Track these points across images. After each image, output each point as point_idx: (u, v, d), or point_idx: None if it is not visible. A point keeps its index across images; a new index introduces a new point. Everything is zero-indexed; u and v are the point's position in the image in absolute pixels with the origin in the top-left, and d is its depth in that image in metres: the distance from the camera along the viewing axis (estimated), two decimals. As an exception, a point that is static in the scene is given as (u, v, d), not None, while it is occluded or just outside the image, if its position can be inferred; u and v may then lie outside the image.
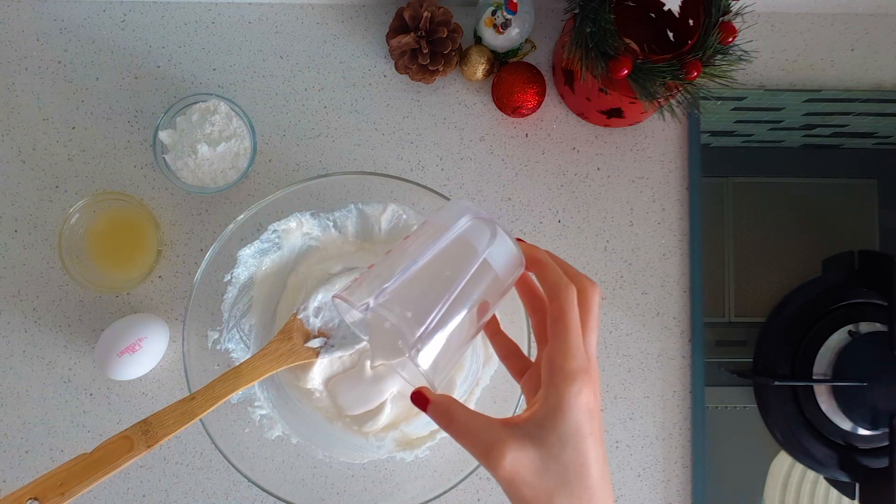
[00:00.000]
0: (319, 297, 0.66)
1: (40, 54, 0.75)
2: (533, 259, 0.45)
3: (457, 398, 0.68)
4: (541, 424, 0.40)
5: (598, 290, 0.44)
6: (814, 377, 0.75)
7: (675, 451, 0.76)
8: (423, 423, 0.70)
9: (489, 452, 0.40)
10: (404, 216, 0.70)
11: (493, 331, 0.49)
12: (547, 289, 0.43)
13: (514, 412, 0.64)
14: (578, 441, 0.40)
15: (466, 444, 0.41)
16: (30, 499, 0.49)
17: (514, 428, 0.41)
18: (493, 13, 0.72)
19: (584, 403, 0.40)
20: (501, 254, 0.44)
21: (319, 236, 0.71)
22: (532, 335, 0.64)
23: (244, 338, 0.70)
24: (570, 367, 0.40)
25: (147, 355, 0.69)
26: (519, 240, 0.46)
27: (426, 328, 0.42)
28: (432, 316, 0.42)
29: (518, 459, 0.40)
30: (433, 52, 0.72)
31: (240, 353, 0.69)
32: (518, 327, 0.65)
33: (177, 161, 0.70)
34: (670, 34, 0.72)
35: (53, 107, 0.75)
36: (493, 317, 0.49)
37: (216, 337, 0.67)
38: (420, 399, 0.43)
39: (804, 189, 0.78)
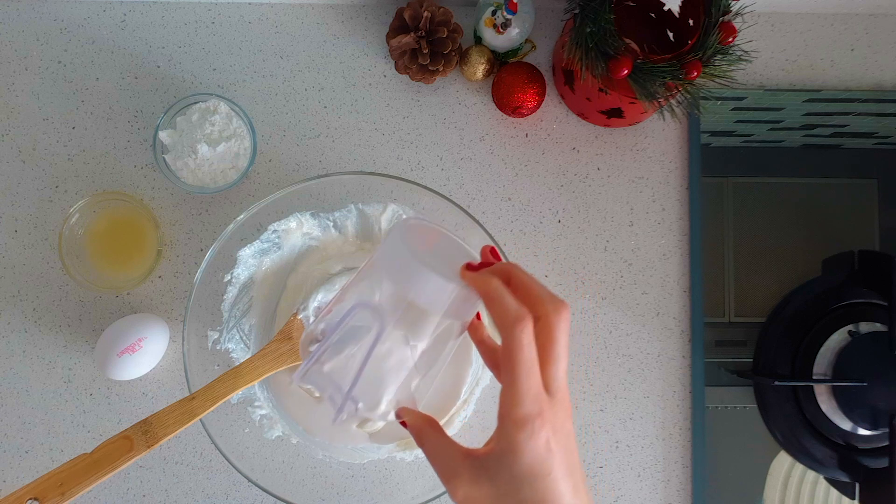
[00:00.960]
0: (319, 298, 0.66)
1: (40, 54, 0.75)
2: (482, 294, 0.42)
3: (459, 399, 0.69)
4: (497, 462, 0.40)
5: (563, 314, 0.40)
6: (814, 377, 0.75)
7: (675, 451, 0.76)
8: None
9: (447, 482, 0.41)
10: (404, 216, 0.70)
11: (478, 339, 0.48)
12: (497, 326, 0.40)
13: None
14: (534, 481, 0.39)
15: (433, 467, 0.42)
16: (30, 499, 0.49)
17: (473, 461, 0.40)
18: (493, 13, 0.72)
19: (541, 444, 0.39)
20: (436, 296, 0.42)
21: (319, 236, 0.71)
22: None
23: (244, 338, 0.70)
24: (517, 414, 0.39)
25: (147, 355, 0.69)
26: (471, 267, 0.43)
27: (352, 389, 0.42)
28: (355, 377, 0.42)
29: (471, 494, 0.40)
30: (433, 52, 0.72)
31: (240, 353, 0.69)
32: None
33: (177, 161, 0.70)
34: (670, 34, 0.72)
35: (53, 107, 0.75)
36: (480, 325, 0.47)
37: (216, 337, 0.67)
38: (400, 418, 0.45)
39: (804, 189, 0.78)
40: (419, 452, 0.69)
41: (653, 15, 0.73)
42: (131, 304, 0.74)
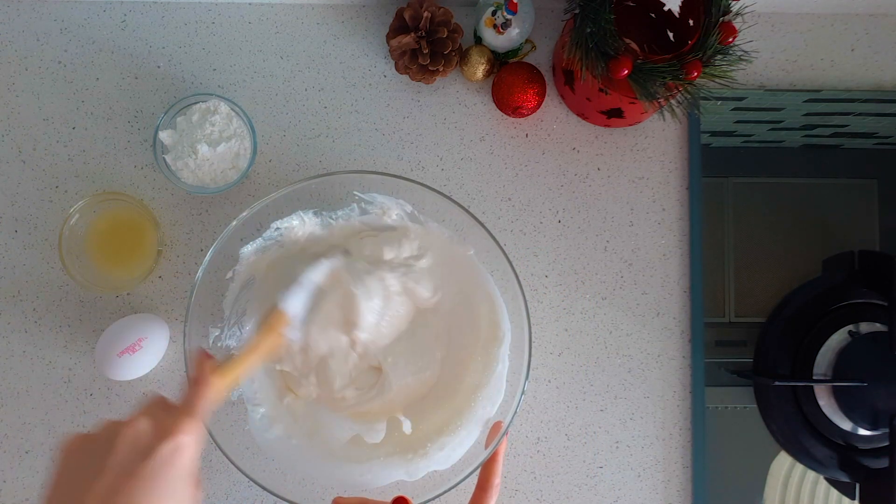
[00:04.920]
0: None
1: (40, 54, 0.75)
2: (498, 451, 0.63)
3: None
4: None
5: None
6: (814, 377, 0.75)
7: (675, 451, 0.76)
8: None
9: None
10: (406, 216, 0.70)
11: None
12: (486, 473, 0.62)
13: (516, 410, 0.64)
14: None
15: None
16: None
17: None
18: (493, 13, 0.72)
19: None
20: None
21: (322, 235, 0.71)
22: (532, 335, 0.64)
23: (245, 336, 0.70)
24: None
25: (147, 355, 0.69)
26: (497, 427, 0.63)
27: None
28: None
29: None
30: (433, 53, 0.72)
31: (239, 351, 0.69)
32: (519, 327, 0.65)
33: (177, 161, 0.70)
34: (670, 34, 0.72)
35: (53, 107, 0.75)
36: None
37: (217, 334, 0.67)
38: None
39: (804, 189, 0.78)
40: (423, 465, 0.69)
41: (653, 15, 0.73)
42: (131, 304, 0.74)
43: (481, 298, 0.69)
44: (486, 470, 0.62)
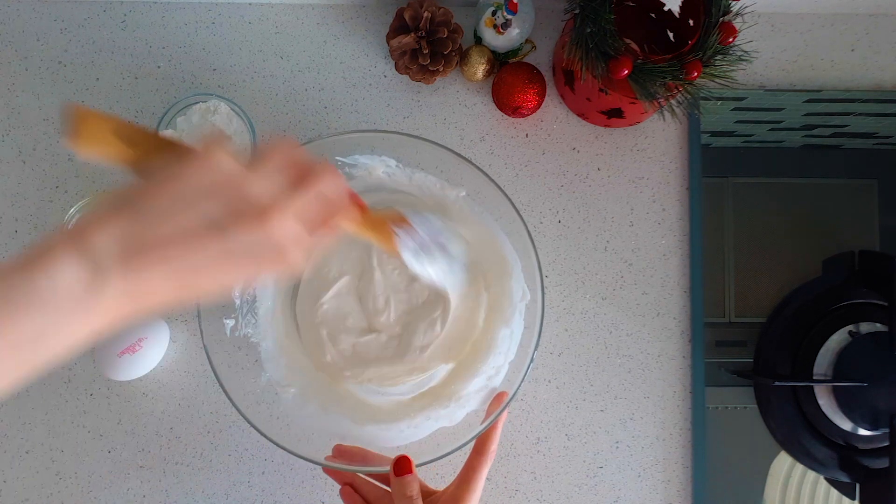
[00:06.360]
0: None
1: (40, 54, 0.75)
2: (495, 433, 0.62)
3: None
4: None
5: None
6: (814, 377, 0.75)
7: (675, 451, 0.76)
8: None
9: None
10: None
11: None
12: (483, 445, 0.62)
13: (526, 372, 0.64)
14: None
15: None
16: None
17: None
18: (494, 13, 0.72)
19: None
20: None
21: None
22: (542, 272, 0.64)
23: (260, 321, 0.70)
24: None
25: (147, 355, 0.69)
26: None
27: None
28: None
29: None
30: (433, 53, 0.72)
31: (258, 336, 0.69)
32: (527, 257, 0.65)
33: (177, 161, 0.70)
34: (670, 34, 0.72)
35: (53, 107, 0.75)
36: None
37: (232, 324, 0.67)
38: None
39: (804, 189, 0.78)
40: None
41: (653, 15, 0.73)
42: (131, 304, 0.74)
43: (483, 235, 0.69)
44: (485, 435, 0.62)
